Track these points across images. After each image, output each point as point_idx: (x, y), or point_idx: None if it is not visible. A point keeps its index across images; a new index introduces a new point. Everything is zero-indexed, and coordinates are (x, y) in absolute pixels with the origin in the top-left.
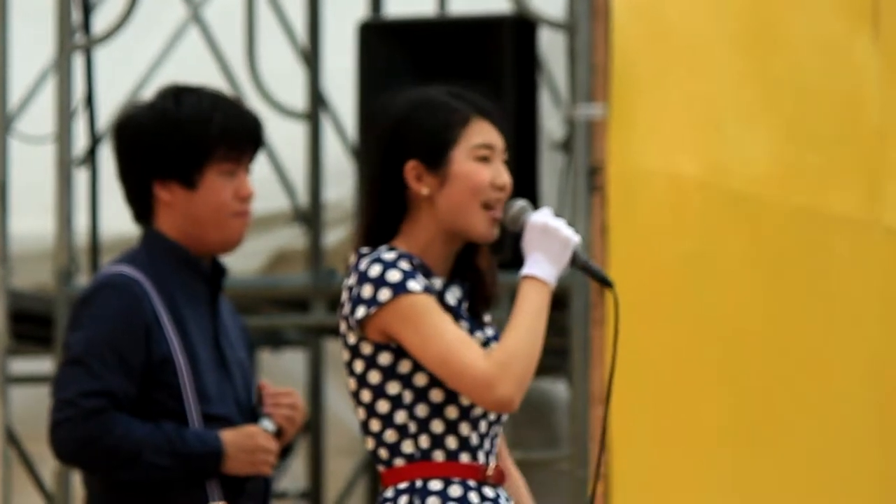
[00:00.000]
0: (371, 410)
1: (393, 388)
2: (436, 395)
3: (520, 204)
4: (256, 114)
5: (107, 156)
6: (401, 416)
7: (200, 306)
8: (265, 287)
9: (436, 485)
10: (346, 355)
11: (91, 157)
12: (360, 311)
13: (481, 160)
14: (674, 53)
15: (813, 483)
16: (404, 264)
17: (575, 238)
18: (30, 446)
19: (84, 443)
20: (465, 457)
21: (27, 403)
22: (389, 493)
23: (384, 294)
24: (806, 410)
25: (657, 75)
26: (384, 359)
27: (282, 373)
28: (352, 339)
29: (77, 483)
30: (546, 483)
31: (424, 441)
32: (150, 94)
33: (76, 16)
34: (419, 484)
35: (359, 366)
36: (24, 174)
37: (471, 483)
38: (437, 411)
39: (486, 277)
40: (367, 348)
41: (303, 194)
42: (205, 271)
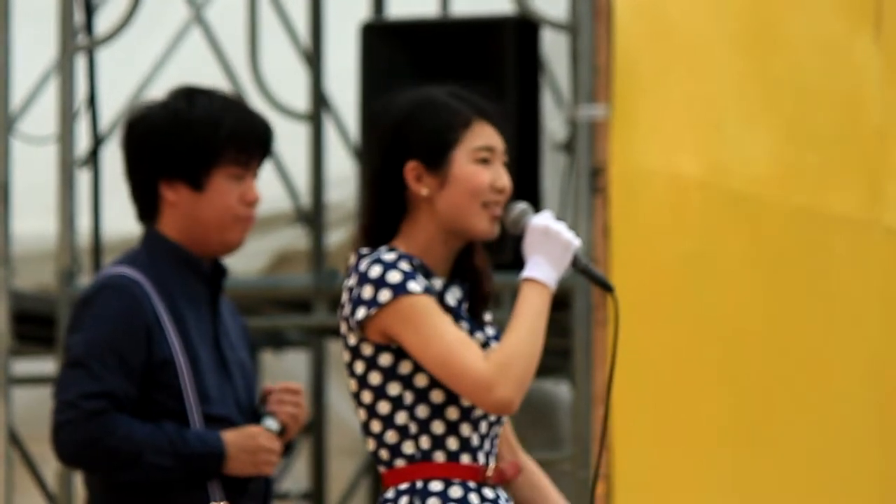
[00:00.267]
0: (372, 411)
1: (394, 388)
2: (436, 396)
3: (521, 207)
4: (267, 120)
5: (109, 157)
6: (401, 417)
7: (201, 307)
8: (267, 288)
9: (436, 486)
10: (347, 356)
11: (93, 157)
12: (360, 313)
13: (481, 162)
14: (675, 54)
15: (813, 483)
16: (404, 265)
17: (576, 242)
18: (32, 447)
19: (85, 444)
20: (465, 458)
21: (30, 404)
22: (390, 493)
23: (384, 295)
24: (806, 410)
25: (659, 76)
26: (385, 360)
27: (284, 374)
28: (352, 340)
29: (79, 484)
30: None
31: (425, 442)
32: (152, 94)
33: (79, 16)
34: (420, 485)
35: (359, 367)
36: (27, 175)
37: (471, 484)
38: (437, 412)
39: (483, 276)
40: (367, 349)
41: (305, 195)
42: (205, 272)
